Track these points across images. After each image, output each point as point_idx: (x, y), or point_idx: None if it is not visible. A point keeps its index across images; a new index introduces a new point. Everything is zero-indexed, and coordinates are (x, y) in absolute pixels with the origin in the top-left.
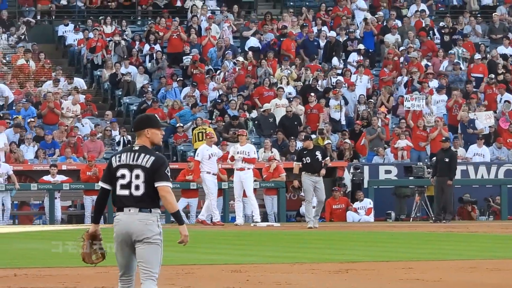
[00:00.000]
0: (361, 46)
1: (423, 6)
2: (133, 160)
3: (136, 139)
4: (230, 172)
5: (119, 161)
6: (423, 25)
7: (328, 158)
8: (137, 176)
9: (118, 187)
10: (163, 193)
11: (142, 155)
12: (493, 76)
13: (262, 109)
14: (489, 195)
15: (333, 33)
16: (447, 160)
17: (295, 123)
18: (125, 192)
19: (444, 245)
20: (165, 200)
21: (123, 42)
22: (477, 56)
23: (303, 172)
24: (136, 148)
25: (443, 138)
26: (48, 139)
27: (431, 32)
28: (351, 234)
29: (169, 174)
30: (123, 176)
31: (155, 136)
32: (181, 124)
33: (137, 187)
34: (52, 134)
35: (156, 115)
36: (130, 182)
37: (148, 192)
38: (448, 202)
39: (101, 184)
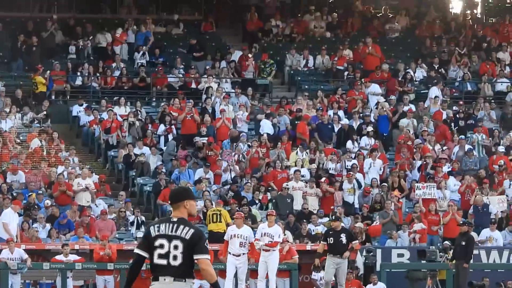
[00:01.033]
0: (370, 128)
1: (437, 92)
2: (171, 231)
3: (173, 212)
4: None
5: (158, 231)
6: (444, 116)
7: (356, 241)
8: (176, 247)
9: (155, 256)
10: (204, 266)
11: (181, 226)
12: (502, 162)
13: (283, 189)
14: (501, 279)
15: (346, 121)
16: (463, 243)
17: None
18: (163, 261)
19: None
20: (205, 272)
21: (137, 123)
22: (501, 148)
23: (327, 253)
24: (175, 219)
25: (461, 222)
26: (63, 222)
27: (448, 120)
28: None
29: (208, 246)
30: (161, 246)
31: (192, 207)
32: None
33: (175, 257)
34: (66, 215)
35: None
36: (168, 252)
37: (185, 262)
38: (461, 286)
39: (137, 251)
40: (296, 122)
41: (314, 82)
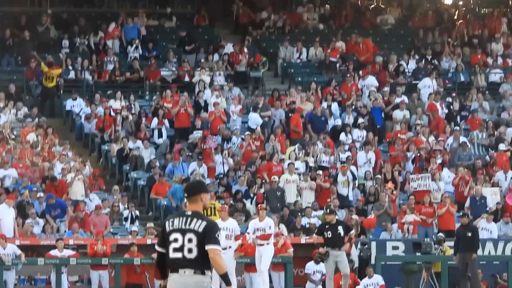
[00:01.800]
0: (361, 120)
1: (429, 82)
2: (185, 225)
3: (188, 204)
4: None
5: (172, 225)
6: (437, 108)
7: (353, 231)
8: (190, 240)
9: (171, 250)
10: (213, 255)
11: (195, 219)
12: (488, 158)
13: (272, 182)
14: (496, 271)
15: (338, 121)
16: (469, 234)
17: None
18: (178, 255)
19: None
20: (214, 262)
21: (131, 117)
22: (502, 146)
23: (324, 247)
24: (189, 213)
25: (461, 214)
26: (51, 202)
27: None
28: None
29: (219, 238)
30: (175, 240)
31: (207, 200)
32: (177, 204)
33: (190, 250)
34: (52, 195)
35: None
36: (183, 246)
37: (200, 254)
38: (475, 277)
39: (157, 248)
40: (290, 114)
41: (307, 74)
